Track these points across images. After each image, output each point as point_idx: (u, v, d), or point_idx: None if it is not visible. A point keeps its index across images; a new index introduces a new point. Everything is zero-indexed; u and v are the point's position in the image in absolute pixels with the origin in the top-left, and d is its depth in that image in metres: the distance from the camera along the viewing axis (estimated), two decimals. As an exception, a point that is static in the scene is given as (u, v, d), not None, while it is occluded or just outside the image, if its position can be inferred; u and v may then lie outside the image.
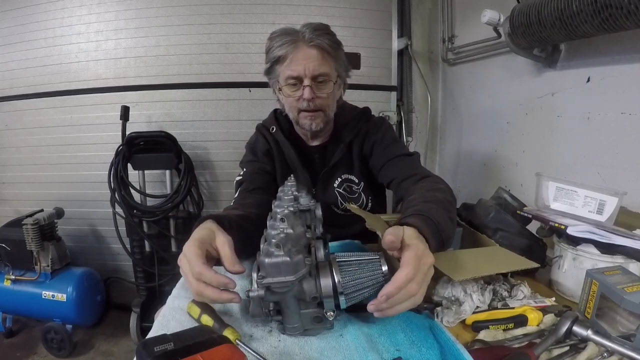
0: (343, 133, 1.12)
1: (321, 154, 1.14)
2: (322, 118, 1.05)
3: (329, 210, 1.15)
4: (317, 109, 1.02)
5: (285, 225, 0.62)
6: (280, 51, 0.98)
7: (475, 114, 1.97)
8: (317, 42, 0.97)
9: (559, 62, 1.34)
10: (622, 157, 1.13)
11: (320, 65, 0.99)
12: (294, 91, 1.01)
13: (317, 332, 0.64)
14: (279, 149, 1.13)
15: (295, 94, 1.01)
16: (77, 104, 2.18)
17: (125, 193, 1.98)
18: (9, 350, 1.99)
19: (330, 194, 1.14)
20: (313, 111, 1.02)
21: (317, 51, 0.98)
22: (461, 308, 0.69)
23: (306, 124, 1.05)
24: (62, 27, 2.14)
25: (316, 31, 0.98)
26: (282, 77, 1.02)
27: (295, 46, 0.98)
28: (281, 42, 0.98)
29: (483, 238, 0.88)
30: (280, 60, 1.00)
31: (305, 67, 0.97)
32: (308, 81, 0.98)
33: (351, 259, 0.64)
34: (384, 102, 2.25)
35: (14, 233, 1.87)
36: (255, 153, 1.15)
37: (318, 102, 1.01)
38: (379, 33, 2.20)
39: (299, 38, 0.98)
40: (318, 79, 1.00)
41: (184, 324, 0.67)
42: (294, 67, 0.98)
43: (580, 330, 0.61)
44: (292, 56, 0.98)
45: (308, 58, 0.98)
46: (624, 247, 0.74)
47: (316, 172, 1.14)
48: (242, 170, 1.13)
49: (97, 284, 2.13)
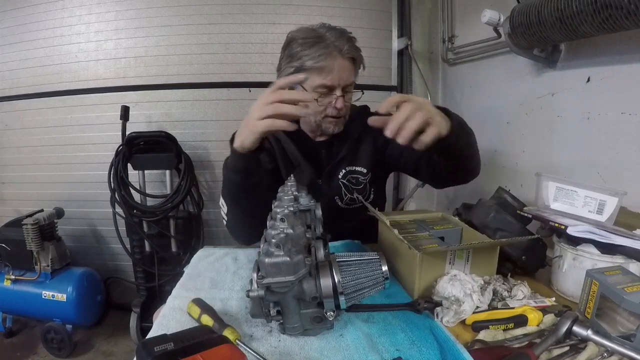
0: (350, 128, 1.16)
1: (328, 149, 1.18)
2: (342, 122, 1.11)
3: (332, 202, 1.18)
4: (341, 116, 1.08)
5: (285, 225, 0.62)
6: (317, 63, 1.00)
7: (475, 114, 1.97)
8: (352, 55, 1.03)
9: (559, 62, 1.34)
10: (622, 157, 1.13)
11: (350, 76, 1.05)
12: (324, 99, 1.05)
13: (317, 332, 0.64)
14: (280, 145, 1.16)
15: (324, 101, 1.05)
16: (77, 104, 2.18)
17: (125, 193, 1.98)
18: (9, 350, 1.99)
19: (334, 185, 1.17)
20: (338, 117, 1.08)
21: (350, 63, 1.04)
22: (461, 308, 0.69)
23: (329, 128, 1.10)
24: (62, 27, 2.14)
25: (349, 42, 1.03)
26: (311, 85, 1.03)
27: (332, 57, 1.00)
28: (317, 54, 0.99)
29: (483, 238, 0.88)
30: (313, 69, 1.01)
31: (340, 78, 1.02)
32: (340, 91, 1.03)
33: (351, 259, 0.64)
34: (384, 102, 2.25)
35: (14, 233, 1.87)
36: None
37: (344, 109, 1.07)
38: (379, 33, 2.20)
39: (332, 49, 1.00)
40: (346, 88, 1.05)
41: (184, 324, 0.67)
42: (330, 78, 1.01)
43: (580, 330, 0.61)
44: (329, 67, 1.00)
45: (343, 70, 1.02)
46: (624, 247, 0.74)
47: (322, 165, 1.17)
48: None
49: (97, 284, 2.13)
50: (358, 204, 1.17)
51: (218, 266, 0.94)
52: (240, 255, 1.00)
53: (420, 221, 0.98)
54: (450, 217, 1.01)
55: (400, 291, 0.80)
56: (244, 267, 0.93)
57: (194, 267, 0.94)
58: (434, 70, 2.31)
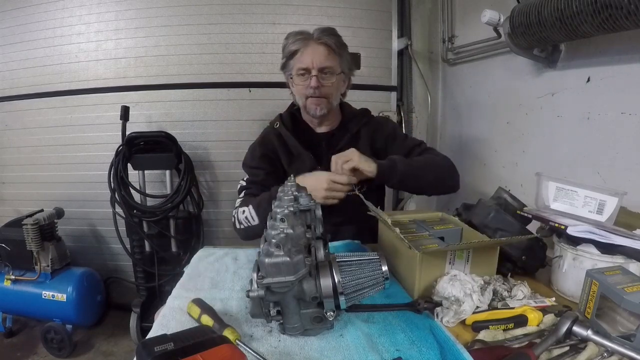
0: (350, 124, 1.30)
1: (328, 141, 1.29)
2: (325, 104, 1.22)
3: None
4: (321, 96, 1.20)
5: (285, 225, 0.62)
6: (293, 46, 1.19)
7: (475, 114, 1.97)
8: (324, 40, 1.18)
9: (559, 62, 1.34)
10: (622, 157, 1.13)
11: (326, 60, 1.18)
12: (303, 80, 1.20)
13: (317, 332, 0.64)
14: (282, 140, 1.27)
15: (304, 82, 1.20)
16: (77, 104, 2.18)
17: (125, 193, 1.98)
18: (9, 350, 1.99)
19: None
20: (318, 97, 1.20)
21: (324, 48, 1.18)
22: (461, 308, 0.69)
23: (312, 109, 1.22)
24: (62, 27, 2.14)
25: (324, 32, 1.19)
26: (294, 69, 1.21)
27: (305, 43, 1.18)
28: (294, 39, 1.19)
29: (483, 238, 0.88)
30: (293, 54, 1.20)
31: (313, 60, 1.17)
32: (315, 72, 1.17)
33: (351, 259, 0.64)
34: (384, 102, 2.25)
35: (14, 233, 1.87)
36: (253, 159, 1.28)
37: (323, 90, 1.19)
38: (379, 33, 2.20)
39: (310, 37, 1.19)
40: (324, 70, 1.18)
41: (184, 324, 0.67)
42: (303, 59, 1.18)
43: (580, 330, 0.61)
44: (303, 50, 1.18)
45: (316, 53, 1.17)
46: (624, 247, 0.74)
47: (322, 154, 1.25)
48: (245, 175, 1.28)
49: (97, 284, 2.13)
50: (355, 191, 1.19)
51: (218, 266, 0.94)
52: (240, 255, 1.00)
53: (420, 221, 0.98)
54: (450, 217, 1.01)
55: (400, 291, 0.80)
56: (244, 267, 0.93)
57: (194, 267, 0.94)
58: (434, 70, 2.31)
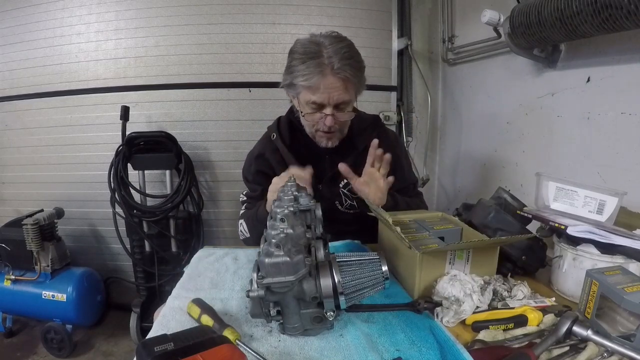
0: (357, 140, 1.17)
1: (332, 156, 1.17)
2: (337, 137, 1.12)
3: (332, 206, 1.18)
4: (334, 131, 1.09)
5: (285, 225, 0.62)
6: (307, 82, 0.99)
7: (475, 114, 1.97)
8: (343, 75, 0.99)
9: (559, 62, 1.34)
10: (622, 157, 1.13)
11: (343, 94, 1.02)
12: (314, 114, 1.05)
13: (317, 332, 0.64)
14: (279, 156, 1.17)
15: (315, 117, 1.06)
16: (77, 104, 2.18)
17: (125, 193, 1.98)
18: (9, 350, 1.99)
19: (335, 192, 1.18)
20: (331, 132, 1.09)
21: (342, 82, 1.00)
22: (461, 308, 0.69)
23: (322, 142, 1.12)
24: (62, 27, 2.14)
25: (343, 60, 0.98)
26: (304, 100, 1.04)
27: (322, 76, 0.98)
28: (308, 71, 0.98)
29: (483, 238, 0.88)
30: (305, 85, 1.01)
31: (329, 96, 1.01)
32: (330, 110, 1.03)
33: (351, 259, 0.64)
34: (384, 102, 2.25)
35: (14, 233, 1.87)
36: (249, 172, 1.23)
37: (336, 125, 1.07)
38: (379, 33, 2.20)
39: (325, 65, 0.98)
40: (339, 106, 1.04)
41: (184, 324, 0.67)
42: (318, 95, 1.01)
43: (580, 330, 0.61)
44: (317, 85, 0.99)
45: (332, 88, 1.00)
46: (624, 247, 0.74)
47: (324, 170, 1.17)
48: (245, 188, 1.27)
49: (97, 284, 2.13)
50: (358, 210, 1.17)
51: (218, 266, 0.94)
52: (240, 255, 1.00)
53: (420, 221, 0.98)
54: (450, 217, 1.01)
55: (400, 291, 0.80)
56: (244, 267, 0.93)
57: (194, 267, 0.94)
58: (434, 70, 2.31)
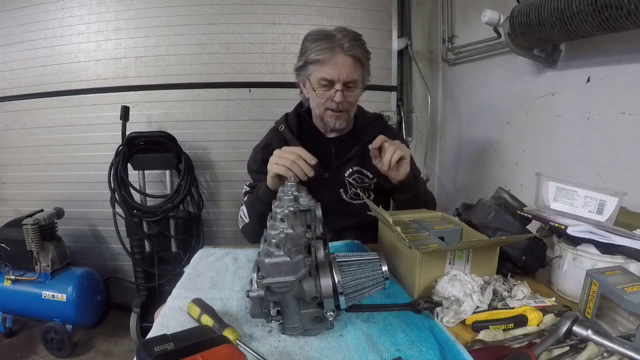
0: (362, 133, 1.23)
1: (338, 146, 1.24)
2: (345, 118, 1.17)
3: (337, 194, 1.22)
4: (342, 110, 1.13)
5: (285, 225, 0.62)
6: (319, 56, 1.08)
7: (475, 114, 1.97)
8: (353, 52, 1.08)
9: (559, 62, 1.34)
10: (622, 157, 1.13)
11: (353, 73, 1.09)
12: (324, 92, 1.11)
13: (317, 332, 0.64)
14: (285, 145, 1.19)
15: (326, 94, 1.11)
16: (77, 104, 2.18)
17: (125, 193, 1.98)
18: (9, 350, 1.99)
19: (340, 181, 1.22)
20: (339, 111, 1.13)
21: (352, 60, 1.09)
22: (461, 308, 0.69)
23: (330, 122, 1.16)
24: (62, 27, 2.14)
25: (353, 41, 1.08)
26: (315, 77, 1.11)
27: (333, 52, 1.07)
28: (320, 47, 1.07)
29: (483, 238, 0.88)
30: (316, 62, 1.09)
31: (340, 73, 1.08)
32: (340, 86, 1.09)
33: (351, 259, 0.64)
34: (384, 102, 2.25)
35: (14, 233, 1.87)
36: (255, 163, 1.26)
37: (345, 104, 1.12)
38: (379, 33, 2.20)
39: (336, 45, 1.07)
40: (348, 84, 1.10)
41: (184, 324, 0.67)
42: (329, 71, 1.08)
43: (580, 330, 0.61)
44: (329, 61, 1.07)
45: (343, 65, 1.08)
46: (624, 247, 0.74)
47: (330, 160, 1.23)
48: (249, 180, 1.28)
49: (97, 284, 2.13)
50: (361, 200, 1.20)
51: (218, 266, 0.94)
52: (240, 255, 1.00)
53: (420, 221, 0.98)
54: (450, 217, 1.01)
55: (400, 291, 0.80)
56: (244, 267, 0.93)
57: (194, 267, 0.94)
58: (434, 70, 2.31)
